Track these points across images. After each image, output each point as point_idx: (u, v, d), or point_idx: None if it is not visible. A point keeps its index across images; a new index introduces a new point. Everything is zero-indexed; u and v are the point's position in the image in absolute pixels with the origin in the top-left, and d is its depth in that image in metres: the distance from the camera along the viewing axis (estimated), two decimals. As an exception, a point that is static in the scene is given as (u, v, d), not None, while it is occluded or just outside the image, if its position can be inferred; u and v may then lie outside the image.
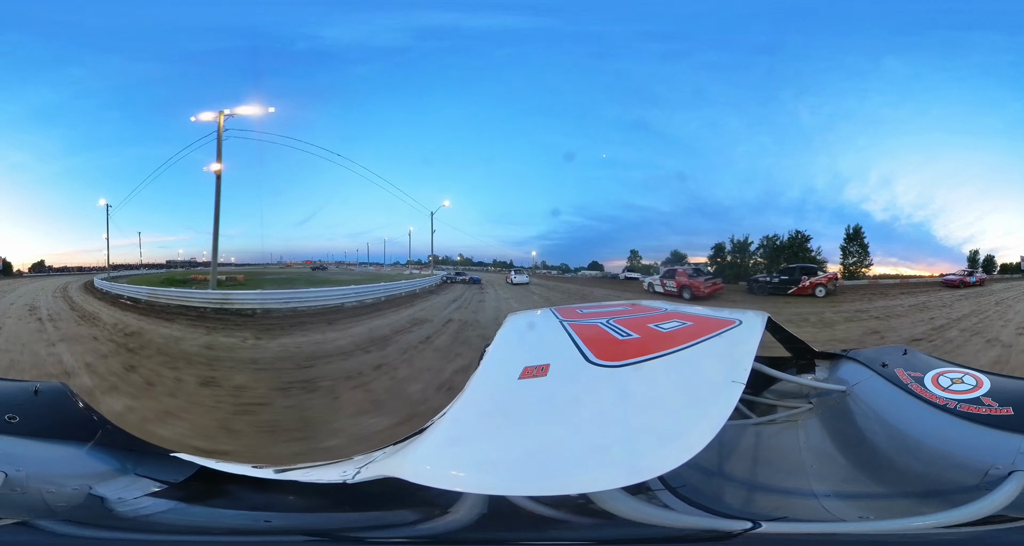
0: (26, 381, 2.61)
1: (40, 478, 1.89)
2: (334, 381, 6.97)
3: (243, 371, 7.23)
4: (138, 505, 1.91)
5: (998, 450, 1.79)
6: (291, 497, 2.02)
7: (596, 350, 2.02)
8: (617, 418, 1.65)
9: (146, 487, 2.02)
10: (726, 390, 1.67)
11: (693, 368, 1.94)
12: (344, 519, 1.90)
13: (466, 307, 12.45)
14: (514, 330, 2.84)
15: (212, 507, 2.02)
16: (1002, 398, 1.96)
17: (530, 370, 1.92)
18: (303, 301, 10.17)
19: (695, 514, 1.68)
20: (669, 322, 2.44)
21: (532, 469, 1.48)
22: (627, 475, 1.41)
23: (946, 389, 2.08)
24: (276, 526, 1.89)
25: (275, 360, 7.69)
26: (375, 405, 6.27)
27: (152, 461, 2.20)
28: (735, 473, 2.18)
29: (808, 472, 2.24)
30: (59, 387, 2.50)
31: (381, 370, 7.44)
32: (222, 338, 8.29)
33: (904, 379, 2.19)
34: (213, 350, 8.01)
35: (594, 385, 1.85)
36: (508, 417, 1.77)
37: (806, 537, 1.68)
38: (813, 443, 2.36)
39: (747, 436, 2.44)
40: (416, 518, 1.75)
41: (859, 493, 2.07)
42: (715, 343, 2.09)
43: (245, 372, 7.21)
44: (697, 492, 1.84)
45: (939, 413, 1.99)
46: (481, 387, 2.04)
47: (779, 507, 2.04)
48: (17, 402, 2.20)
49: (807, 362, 2.73)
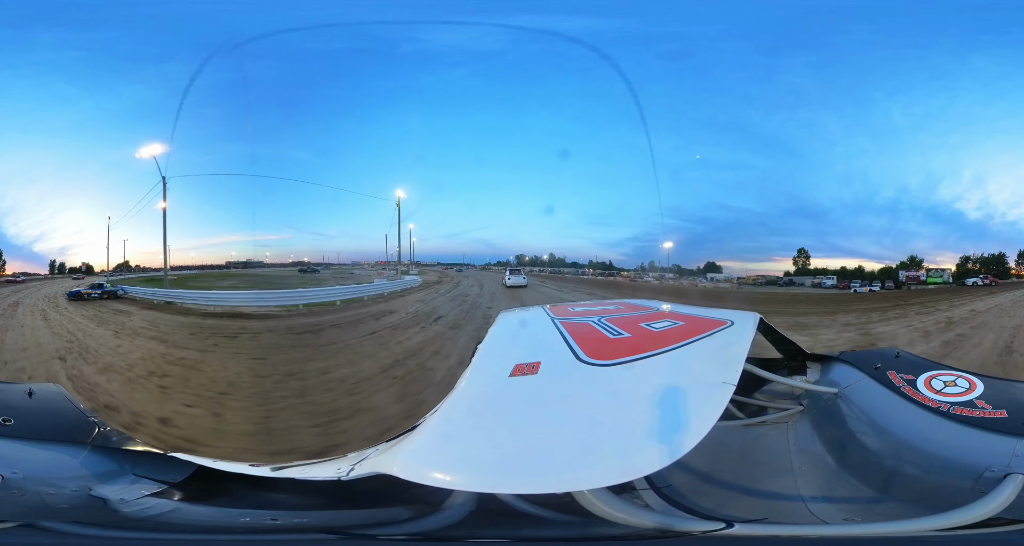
0: (20, 383, 2.63)
1: (38, 480, 1.91)
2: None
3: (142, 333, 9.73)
4: (142, 505, 1.93)
5: (992, 453, 1.78)
6: (289, 495, 2.03)
7: (587, 349, 2.02)
8: (606, 417, 1.65)
9: (146, 487, 2.04)
10: (716, 391, 1.68)
11: (684, 368, 1.94)
12: (341, 516, 1.92)
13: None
14: (506, 328, 2.85)
15: (216, 506, 2.03)
16: (996, 400, 1.96)
17: (521, 368, 1.93)
18: (195, 300, 11.68)
19: (673, 514, 1.69)
20: (661, 322, 2.44)
21: (520, 467, 1.49)
22: (614, 474, 1.42)
23: (939, 392, 2.07)
24: (283, 524, 1.91)
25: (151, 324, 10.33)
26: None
27: (149, 461, 2.21)
28: (722, 474, 2.17)
29: (796, 474, 2.24)
30: (54, 389, 2.53)
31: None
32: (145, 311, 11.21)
33: (896, 382, 2.18)
34: (151, 322, 10.52)
35: (584, 384, 1.85)
36: (498, 415, 1.78)
37: (779, 539, 1.68)
38: (802, 445, 2.36)
39: (736, 437, 2.43)
40: (408, 515, 1.77)
41: (848, 496, 2.06)
42: (706, 343, 2.09)
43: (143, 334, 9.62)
44: (682, 493, 1.84)
45: (932, 416, 1.98)
46: (472, 384, 2.05)
47: (763, 509, 2.03)
48: (12, 404, 2.22)
49: (798, 364, 2.73)
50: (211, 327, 9.93)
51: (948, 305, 11.55)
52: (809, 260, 13.80)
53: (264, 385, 7.02)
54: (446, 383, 5.16)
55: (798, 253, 13.82)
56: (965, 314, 10.81)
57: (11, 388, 2.49)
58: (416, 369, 7.61)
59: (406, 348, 8.67)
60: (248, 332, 9.60)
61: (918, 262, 13.02)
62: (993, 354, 7.95)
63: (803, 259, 13.87)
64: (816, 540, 1.71)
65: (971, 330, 9.45)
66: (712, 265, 14.79)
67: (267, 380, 7.21)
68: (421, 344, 8.91)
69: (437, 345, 8.81)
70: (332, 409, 6.22)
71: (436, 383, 6.83)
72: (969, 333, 9.25)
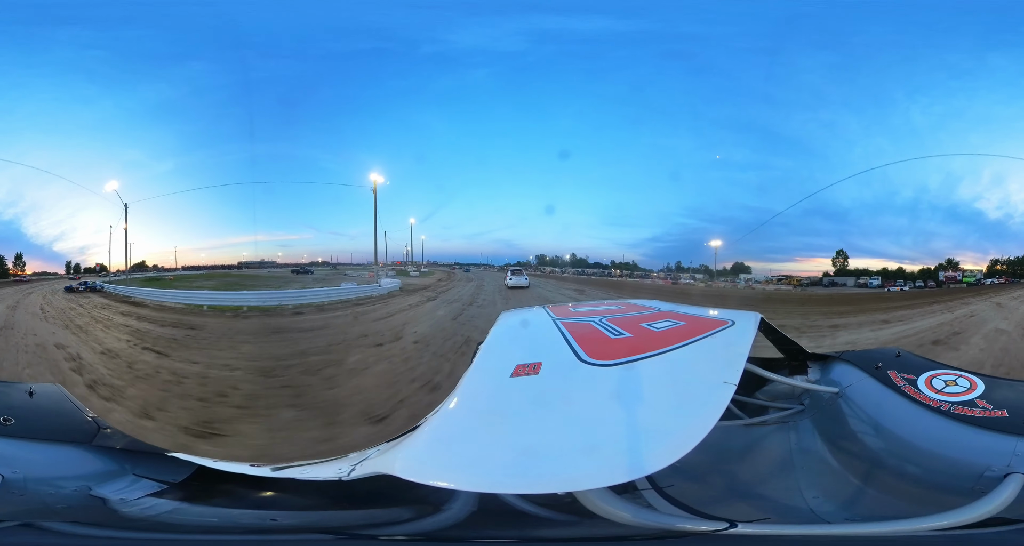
0: (20, 383, 2.63)
1: (38, 480, 1.91)
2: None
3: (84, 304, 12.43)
4: (142, 505, 1.93)
5: (993, 452, 1.79)
6: (290, 495, 2.03)
7: (588, 349, 2.02)
8: (608, 417, 1.65)
9: (146, 487, 2.04)
10: (717, 391, 1.67)
11: (685, 368, 1.94)
12: (341, 517, 1.92)
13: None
14: (507, 328, 2.84)
15: (216, 506, 2.03)
16: (996, 400, 1.96)
17: (522, 368, 1.93)
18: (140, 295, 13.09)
19: (675, 514, 1.69)
20: (662, 322, 2.44)
21: (521, 467, 1.49)
22: (615, 474, 1.42)
23: (940, 391, 2.08)
24: (282, 524, 1.91)
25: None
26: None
27: (150, 461, 2.21)
28: (724, 474, 2.18)
29: (797, 474, 2.24)
30: (54, 388, 2.52)
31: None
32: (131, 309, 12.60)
33: (897, 381, 2.18)
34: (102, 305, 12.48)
35: (586, 384, 1.85)
36: (499, 415, 1.77)
37: (784, 539, 1.68)
38: (804, 445, 2.36)
39: (737, 437, 2.43)
40: (409, 515, 1.77)
41: (849, 496, 2.07)
42: (707, 343, 2.09)
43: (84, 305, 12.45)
44: (684, 492, 1.84)
45: (933, 415, 1.98)
46: (473, 385, 2.05)
47: (765, 508, 2.04)
48: (12, 404, 2.22)
49: (799, 363, 2.73)
50: (126, 312, 12.09)
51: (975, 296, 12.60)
52: (847, 261, 13.89)
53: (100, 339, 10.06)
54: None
55: (837, 254, 13.91)
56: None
57: (11, 388, 2.49)
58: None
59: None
60: (146, 320, 11.50)
61: (954, 264, 13.35)
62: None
63: (841, 260, 13.96)
64: (818, 539, 1.71)
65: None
66: (741, 266, 14.72)
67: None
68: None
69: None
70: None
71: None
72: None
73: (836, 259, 13.87)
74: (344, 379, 8.05)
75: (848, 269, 13.93)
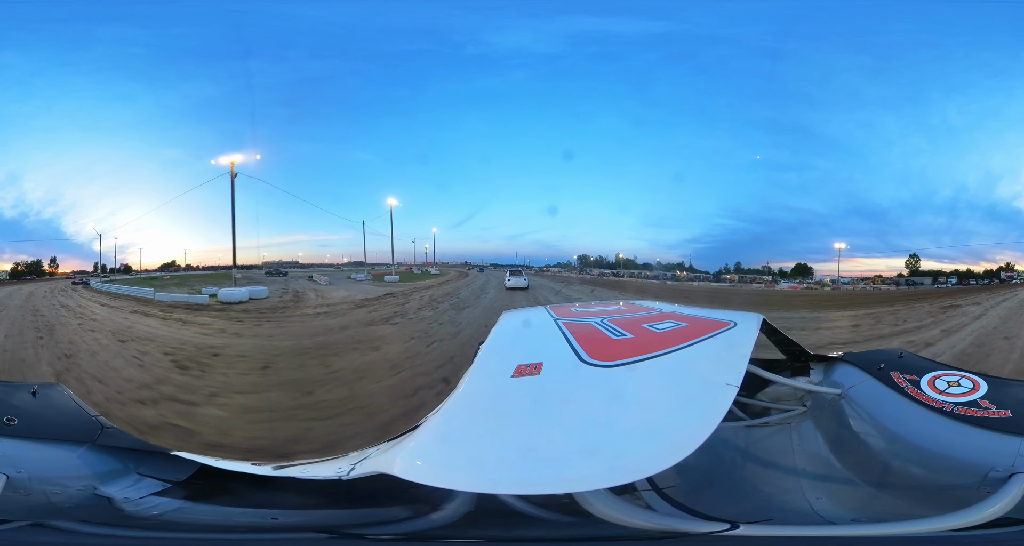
0: (24, 383, 2.64)
1: (43, 480, 1.92)
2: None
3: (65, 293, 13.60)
4: (147, 504, 1.94)
5: (997, 452, 1.78)
6: (290, 494, 2.04)
7: (590, 350, 2.02)
8: (609, 418, 1.65)
9: (150, 486, 2.05)
10: (720, 392, 1.67)
11: (687, 370, 1.93)
12: (341, 515, 1.93)
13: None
14: (508, 328, 2.84)
15: (219, 505, 2.04)
16: (1000, 400, 1.95)
17: (523, 368, 1.93)
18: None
19: (676, 515, 1.68)
20: (664, 323, 2.44)
21: (521, 468, 1.49)
22: (615, 476, 1.42)
23: (943, 392, 2.06)
24: (283, 523, 1.92)
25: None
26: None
27: (153, 460, 2.22)
28: (726, 475, 2.17)
29: (800, 475, 2.23)
30: (56, 388, 2.53)
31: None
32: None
33: (900, 382, 2.17)
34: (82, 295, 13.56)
35: (587, 385, 1.85)
36: (500, 415, 1.77)
37: (786, 540, 1.67)
38: (807, 446, 2.35)
39: (739, 438, 2.43)
40: (407, 515, 1.77)
41: (852, 497, 2.06)
42: (710, 345, 2.09)
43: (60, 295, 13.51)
44: (685, 493, 1.83)
45: (936, 416, 1.97)
46: (474, 385, 2.05)
47: (768, 509, 2.03)
48: (15, 404, 2.23)
49: (802, 365, 2.72)
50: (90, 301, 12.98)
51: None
52: (919, 262, 14.11)
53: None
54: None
55: (911, 257, 14.17)
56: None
57: (14, 388, 2.50)
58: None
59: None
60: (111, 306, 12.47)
61: (1011, 266, 13.57)
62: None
63: (915, 261, 14.21)
64: (821, 540, 1.70)
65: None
66: (803, 267, 14.61)
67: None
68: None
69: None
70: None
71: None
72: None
73: (910, 260, 14.20)
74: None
75: (920, 270, 14.13)
